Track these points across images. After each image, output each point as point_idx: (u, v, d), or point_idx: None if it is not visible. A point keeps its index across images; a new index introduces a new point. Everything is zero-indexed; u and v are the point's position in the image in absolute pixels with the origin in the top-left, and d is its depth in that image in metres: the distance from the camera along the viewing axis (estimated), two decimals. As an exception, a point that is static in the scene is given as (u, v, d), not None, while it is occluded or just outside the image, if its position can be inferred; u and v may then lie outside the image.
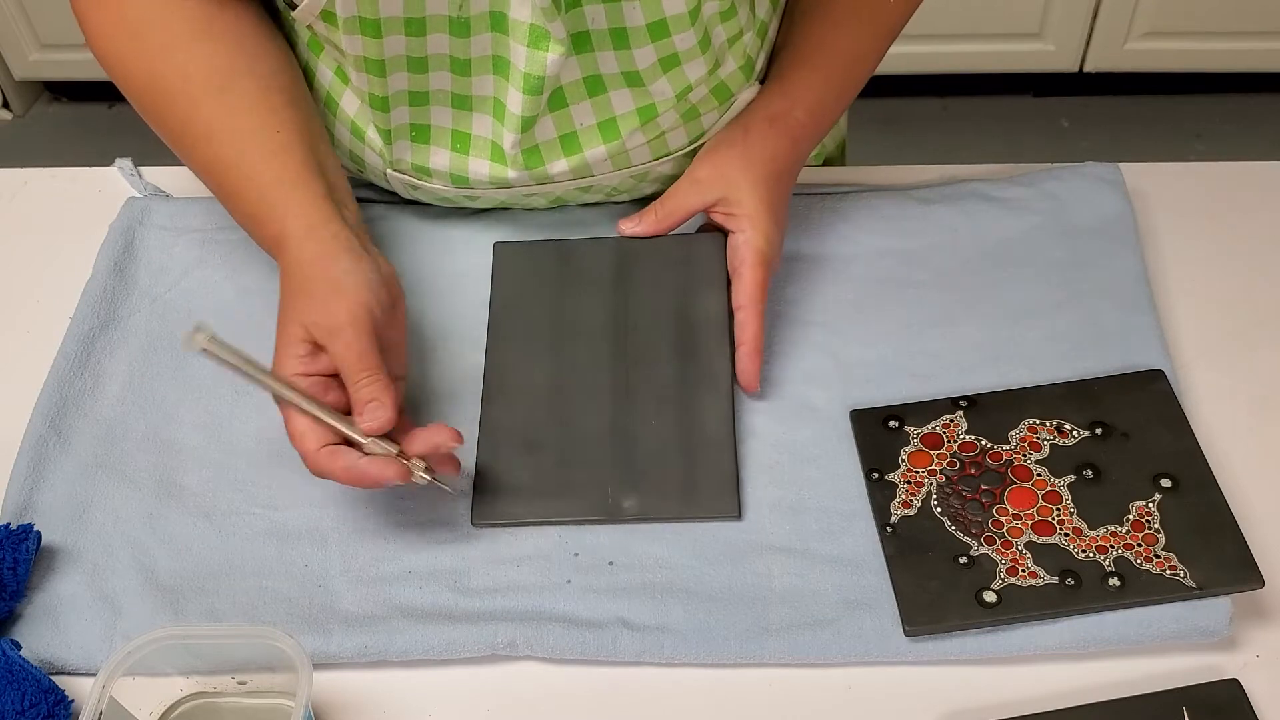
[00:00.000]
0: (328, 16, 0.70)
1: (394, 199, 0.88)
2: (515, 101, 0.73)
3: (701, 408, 0.74)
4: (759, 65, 0.83)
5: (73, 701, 0.65)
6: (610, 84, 0.75)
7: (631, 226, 0.80)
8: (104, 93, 2.27)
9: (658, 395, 0.75)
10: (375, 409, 0.65)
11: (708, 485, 0.72)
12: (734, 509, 0.71)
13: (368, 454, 0.66)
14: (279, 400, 0.66)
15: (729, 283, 0.78)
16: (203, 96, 0.72)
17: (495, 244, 0.82)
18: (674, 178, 0.84)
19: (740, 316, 0.76)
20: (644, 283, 0.79)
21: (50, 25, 2.15)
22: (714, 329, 0.77)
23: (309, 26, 0.73)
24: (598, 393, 0.75)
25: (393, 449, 0.66)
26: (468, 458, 0.73)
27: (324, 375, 0.67)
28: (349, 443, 0.66)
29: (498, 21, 0.70)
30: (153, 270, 0.86)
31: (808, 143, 0.81)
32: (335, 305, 0.67)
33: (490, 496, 0.72)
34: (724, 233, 0.79)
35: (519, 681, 0.67)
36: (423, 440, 0.67)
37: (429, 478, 0.67)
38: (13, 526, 0.69)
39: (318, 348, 0.67)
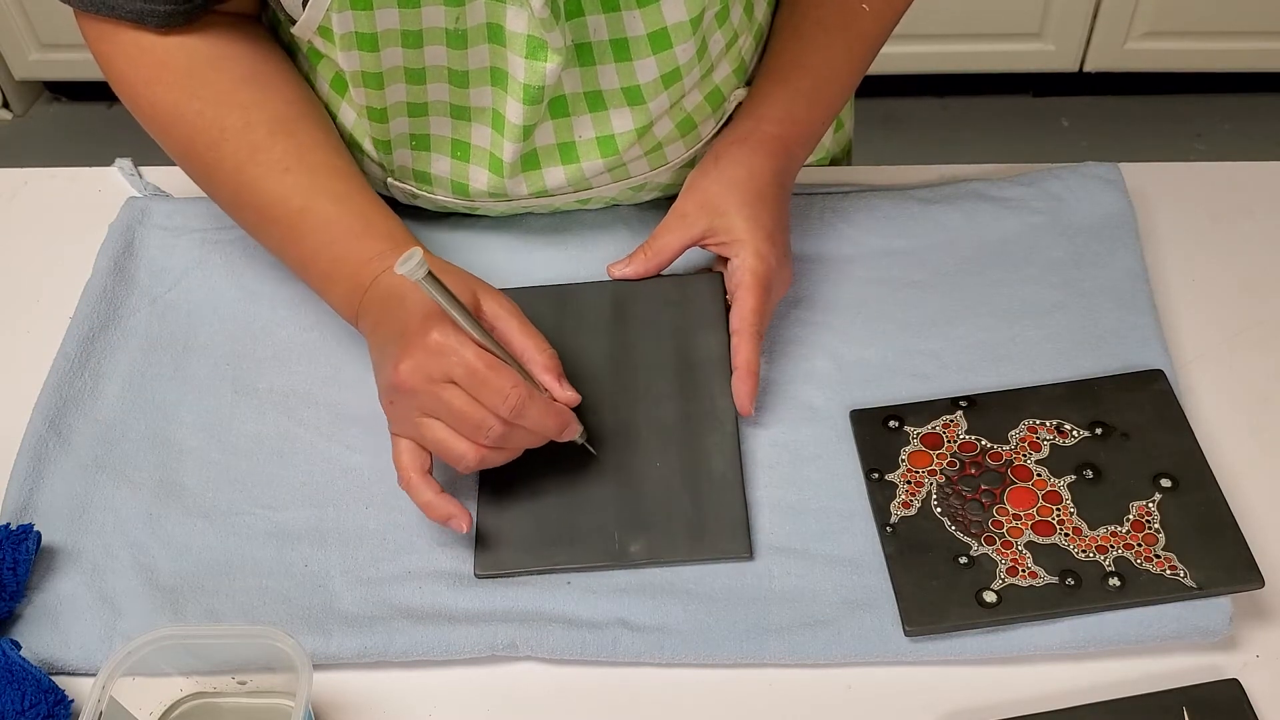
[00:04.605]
0: (324, 33, 0.70)
1: (392, 202, 0.88)
2: (515, 112, 0.73)
3: (707, 447, 0.73)
4: (750, 68, 0.83)
5: (73, 701, 0.65)
6: (610, 101, 0.75)
7: (621, 269, 0.78)
8: (104, 93, 2.26)
9: (661, 437, 0.73)
10: (569, 386, 0.68)
11: (717, 525, 0.70)
12: (745, 549, 0.70)
13: None
14: (464, 345, 0.64)
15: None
16: (272, 135, 0.73)
17: None
18: (672, 186, 0.84)
19: (735, 341, 0.74)
20: (642, 325, 0.77)
21: (50, 25, 2.15)
22: (715, 368, 0.75)
23: (308, 40, 0.73)
24: (601, 435, 0.74)
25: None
26: (469, 505, 0.72)
27: None
28: None
29: (494, 33, 0.70)
30: (153, 270, 0.86)
31: (785, 156, 0.80)
32: (498, 290, 0.70)
33: (494, 545, 0.71)
34: (721, 270, 0.78)
35: (519, 681, 0.67)
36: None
37: (583, 440, 0.71)
38: (13, 526, 0.69)
39: (480, 320, 0.67)
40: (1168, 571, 0.66)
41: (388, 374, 0.66)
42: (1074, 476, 0.71)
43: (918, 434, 0.74)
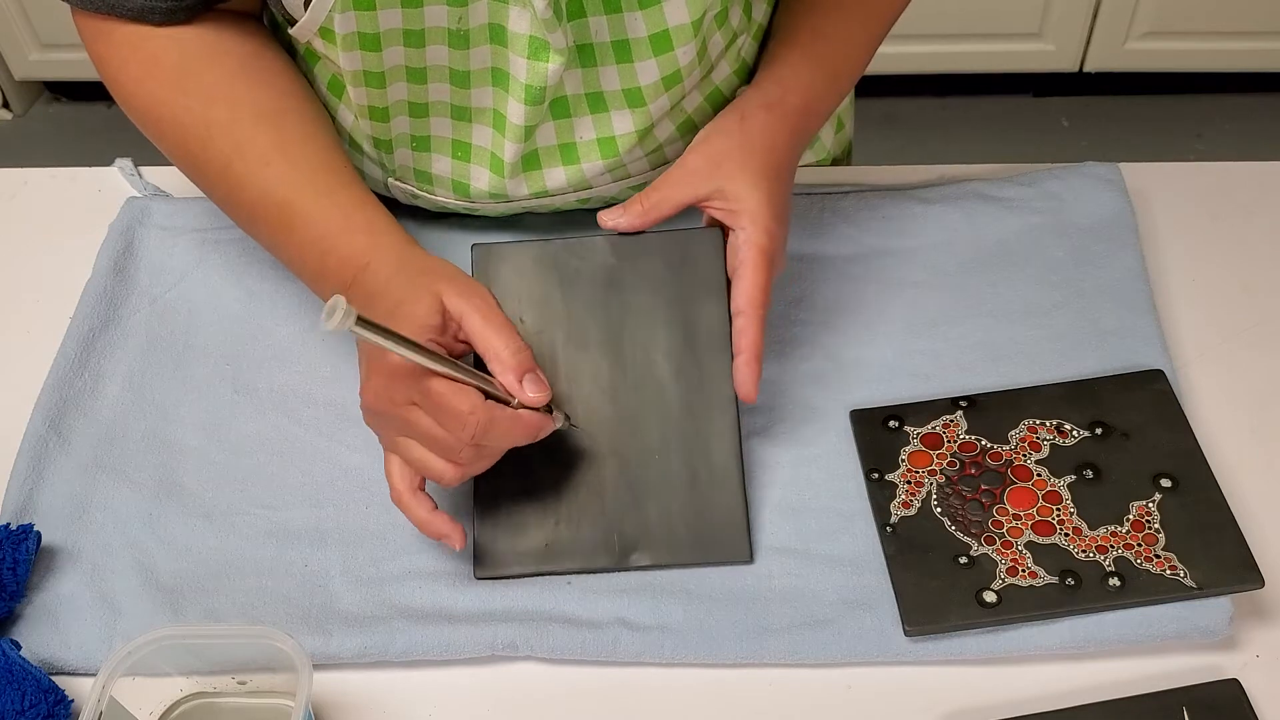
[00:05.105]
0: (326, 34, 0.69)
1: (392, 202, 0.88)
2: (516, 112, 0.72)
3: (708, 438, 0.71)
4: (751, 68, 0.83)
5: (73, 701, 0.65)
6: (611, 102, 0.74)
7: (614, 219, 0.73)
8: (104, 93, 2.26)
9: (661, 423, 0.72)
10: (534, 382, 0.65)
11: (718, 528, 0.70)
12: (746, 553, 0.70)
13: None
14: (421, 369, 0.62)
15: (729, 286, 0.74)
16: (256, 129, 0.71)
17: (473, 246, 0.75)
18: None
19: (739, 323, 0.70)
20: (638, 288, 0.73)
21: (50, 25, 2.15)
22: (716, 342, 0.72)
23: (306, 42, 0.73)
24: (597, 420, 0.72)
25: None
26: (468, 506, 0.72)
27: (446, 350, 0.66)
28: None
29: (496, 34, 0.70)
30: (153, 270, 0.86)
31: (803, 133, 0.77)
32: (471, 281, 0.67)
33: (493, 548, 0.70)
34: (722, 229, 0.74)
35: (519, 681, 0.67)
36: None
37: (570, 423, 0.70)
38: (13, 526, 0.69)
39: (447, 321, 0.65)
40: (1168, 571, 0.66)
41: (361, 394, 0.66)
42: (1074, 476, 0.71)
43: (918, 434, 0.74)
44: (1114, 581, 0.66)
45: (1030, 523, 0.69)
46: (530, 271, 0.74)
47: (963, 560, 0.68)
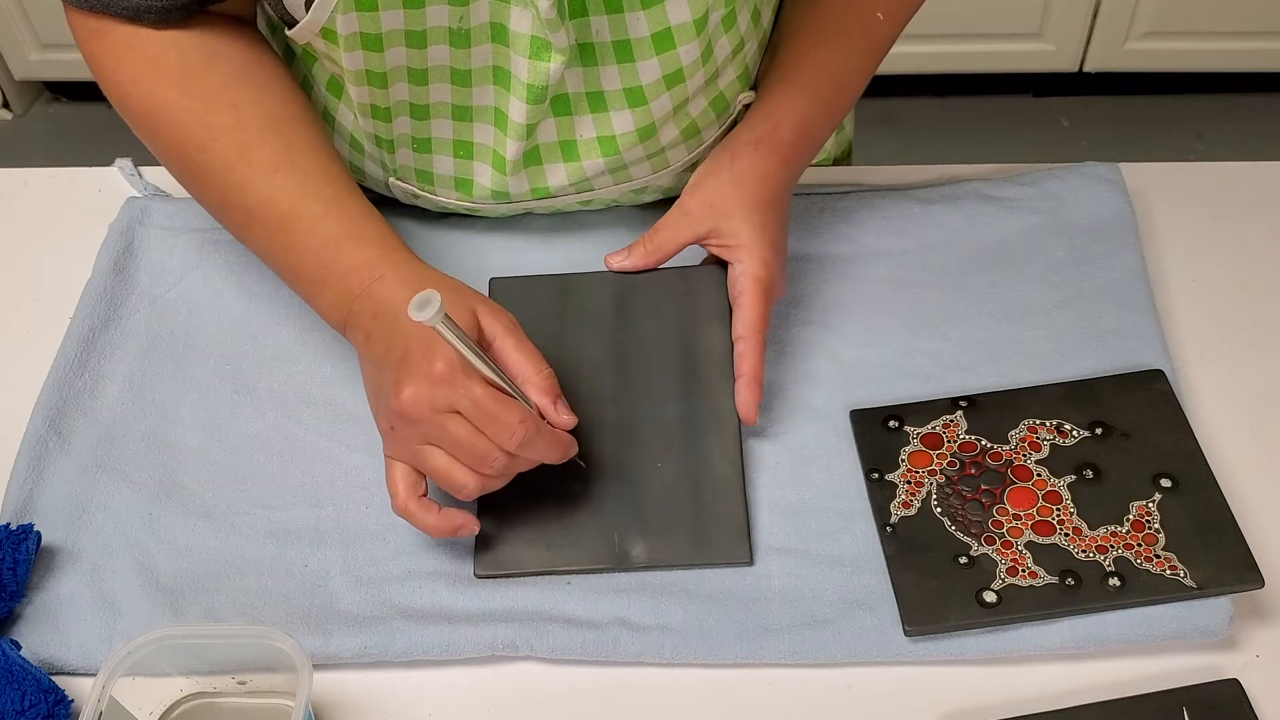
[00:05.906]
0: (328, 35, 0.69)
1: (392, 202, 0.88)
2: (518, 111, 0.72)
3: (709, 448, 0.73)
4: (754, 74, 0.83)
5: (73, 701, 0.65)
6: (611, 102, 0.74)
7: (619, 261, 0.78)
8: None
9: (663, 436, 0.73)
10: (565, 406, 0.67)
11: (718, 530, 0.70)
12: (746, 555, 0.70)
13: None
14: (468, 377, 0.63)
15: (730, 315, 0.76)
16: (261, 136, 0.71)
17: (490, 280, 0.79)
18: (673, 189, 0.84)
19: (740, 347, 0.73)
20: (645, 318, 0.77)
21: (50, 25, 2.15)
22: (718, 365, 0.75)
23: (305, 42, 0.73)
24: (601, 433, 0.73)
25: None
26: (469, 505, 0.72)
27: None
28: None
29: (498, 33, 0.70)
30: (153, 270, 0.86)
31: (798, 162, 0.79)
32: (496, 304, 0.68)
33: (493, 545, 0.70)
34: (723, 264, 0.77)
35: (519, 681, 0.67)
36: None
37: (580, 461, 0.71)
38: (13, 526, 0.69)
39: (481, 339, 0.66)
40: (1168, 571, 0.66)
41: (387, 400, 0.65)
42: (1074, 476, 0.71)
43: (918, 434, 0.74)
44: (1114, 581, 0.66)
45: (1030, 523, 0.69)
46: (542, 303, 0.77)
47: (963, 560, 0.68)
